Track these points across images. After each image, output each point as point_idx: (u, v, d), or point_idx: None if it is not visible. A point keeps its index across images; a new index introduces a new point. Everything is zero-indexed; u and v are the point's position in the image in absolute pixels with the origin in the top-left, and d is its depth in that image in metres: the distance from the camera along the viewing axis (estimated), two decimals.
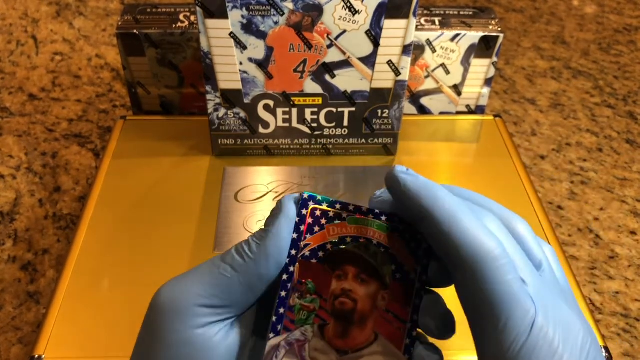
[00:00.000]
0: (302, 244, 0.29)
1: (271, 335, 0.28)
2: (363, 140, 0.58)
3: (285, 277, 0.29)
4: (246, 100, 0.55)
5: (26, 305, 0.53)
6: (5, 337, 0.51)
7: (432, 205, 0.27)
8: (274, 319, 0.29)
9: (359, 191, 0.54)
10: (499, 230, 0.28)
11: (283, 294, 0.29)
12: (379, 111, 0.56)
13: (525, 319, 0.26)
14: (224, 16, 0.50)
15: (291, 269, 0.29)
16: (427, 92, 0.64)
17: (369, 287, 0.30)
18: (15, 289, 0.55)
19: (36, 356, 0.42)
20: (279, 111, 0.56)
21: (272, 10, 0.50)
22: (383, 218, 0.30)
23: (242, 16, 0.50)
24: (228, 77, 0.54)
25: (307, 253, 0.29)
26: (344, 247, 0.29)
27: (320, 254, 0.29)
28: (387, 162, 0.59)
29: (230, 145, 0.58)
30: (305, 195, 0.30)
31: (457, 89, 0.64)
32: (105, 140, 0.70)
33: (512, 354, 0.26)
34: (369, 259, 0.30)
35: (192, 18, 0.60)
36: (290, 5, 0.50)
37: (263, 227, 0.29)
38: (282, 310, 0.29)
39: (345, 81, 0.54)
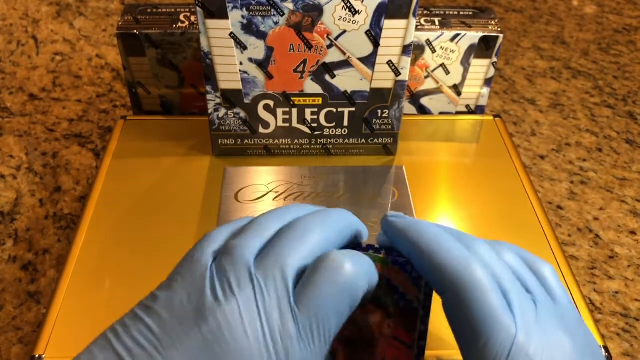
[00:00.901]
0: None
1: None
2: (363, 140, 0.58)
3: None
4: (246, 100, 0.55)
5: (26, 305, 0.54)
6: (5, 337, 0.51)
7: (417, 239, 0.29)
8: None
9: (359, 191, 0.54)
10: (488, 254, 0.29)
11: None
12: (379, 111, 0.56)
13: (505, 339, 0.27)
14: (224, 16, 0.50)
15: None
16: (427, 92, 0.64)
17: (374, 316, 0.31)
18: (16, 289, 0.55)
19: (36, 356, 0.42)
20: (279, 111, 0.56)
21: (272, 10, 0.50)
22: (382, 252, 0.31)
23: (242, 16, 0.50)
24: (228, 77, 0.54)
25: None
26: None
27: None
28: (387, 162, 0.59)
29: (230, 145, 0.58)
30: None
31: (457, 89, 0.64)
32: (106, 140, 0.70)
33: None
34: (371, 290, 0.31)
35: (193, 18, 0.60)
36: (290, 6, 0.50)
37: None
38: None
39: (345, 81, 0.54)
